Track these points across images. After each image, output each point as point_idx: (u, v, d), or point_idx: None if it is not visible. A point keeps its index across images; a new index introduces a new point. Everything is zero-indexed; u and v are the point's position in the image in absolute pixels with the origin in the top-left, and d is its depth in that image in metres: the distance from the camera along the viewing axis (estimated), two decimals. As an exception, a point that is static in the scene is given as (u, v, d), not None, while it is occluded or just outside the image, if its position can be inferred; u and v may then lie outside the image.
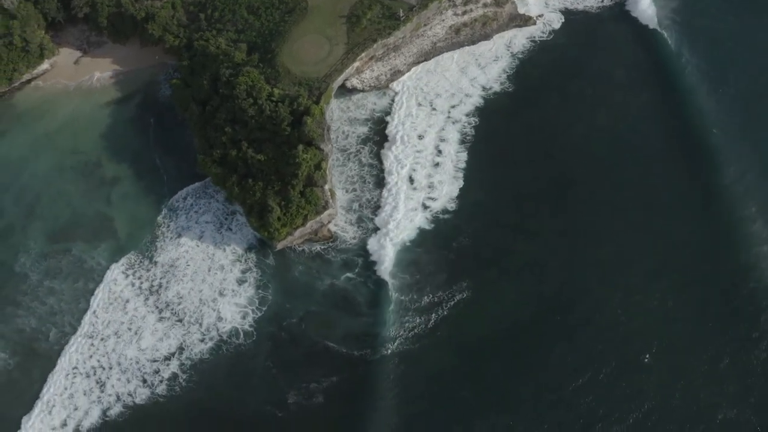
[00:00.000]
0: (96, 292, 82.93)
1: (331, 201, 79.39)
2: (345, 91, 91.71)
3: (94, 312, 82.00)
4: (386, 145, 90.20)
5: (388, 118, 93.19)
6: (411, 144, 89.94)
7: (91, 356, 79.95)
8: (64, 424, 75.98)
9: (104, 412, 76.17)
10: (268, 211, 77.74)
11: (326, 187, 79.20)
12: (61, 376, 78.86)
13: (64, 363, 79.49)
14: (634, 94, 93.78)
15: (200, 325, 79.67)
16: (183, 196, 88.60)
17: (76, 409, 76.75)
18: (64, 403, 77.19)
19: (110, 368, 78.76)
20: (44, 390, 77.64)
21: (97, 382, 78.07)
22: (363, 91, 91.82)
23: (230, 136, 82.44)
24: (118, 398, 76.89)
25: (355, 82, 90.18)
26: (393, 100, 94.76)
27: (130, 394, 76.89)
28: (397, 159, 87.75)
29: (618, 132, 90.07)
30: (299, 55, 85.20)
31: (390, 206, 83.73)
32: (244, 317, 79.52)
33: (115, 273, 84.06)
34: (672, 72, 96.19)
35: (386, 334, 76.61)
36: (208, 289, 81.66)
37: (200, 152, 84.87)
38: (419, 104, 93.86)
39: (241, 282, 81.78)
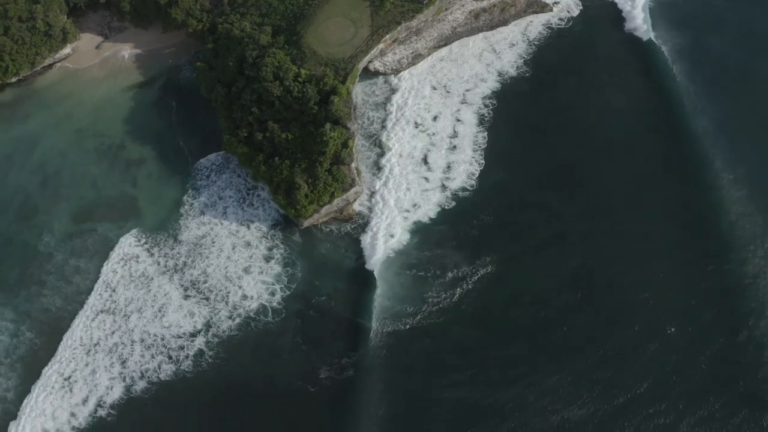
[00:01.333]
0: (116, 269, 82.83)
1: (357, 179, 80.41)
2: (368, 74, 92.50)
3: (114, 289, 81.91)
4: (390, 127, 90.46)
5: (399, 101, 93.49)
6: (425, 126, 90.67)
7: (113, 333, 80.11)
8: (85, 401, 75.97)
9: (127, 388, 76.37)
10: (295, 189, 78.55)
11: (353, 165, 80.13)
12: (82, 352, 78.91)
13: (85, 340, 79.64)
14: (651, 78, 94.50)
15: (226, 302, 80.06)
16: (206, 173, 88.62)
17: (96, 386, 76.44)
18: (86, 380, 77.32)
19: (132, 344, 78.98)
20: (65, 366, 77.53)
21: (119, 359, 78.22)
22: (385, 74, 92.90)
23: (257, 116, 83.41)
24: (143, 375, 77.19)
25: (377, 65, 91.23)
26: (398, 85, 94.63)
27: (154, 371, 77.13)
28: (399, 139, 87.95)
29: (635, 114, 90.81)
30: (324, 36, 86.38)
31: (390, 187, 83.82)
32: (272, 294, 79.90)
33: (137, 250, 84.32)
34: (690, 57, 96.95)
35: (408, 311, 77.03)
36: (233, 266, 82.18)
37: (226, 133, 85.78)
38: (433, 88, 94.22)
39: (267, 259, 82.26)
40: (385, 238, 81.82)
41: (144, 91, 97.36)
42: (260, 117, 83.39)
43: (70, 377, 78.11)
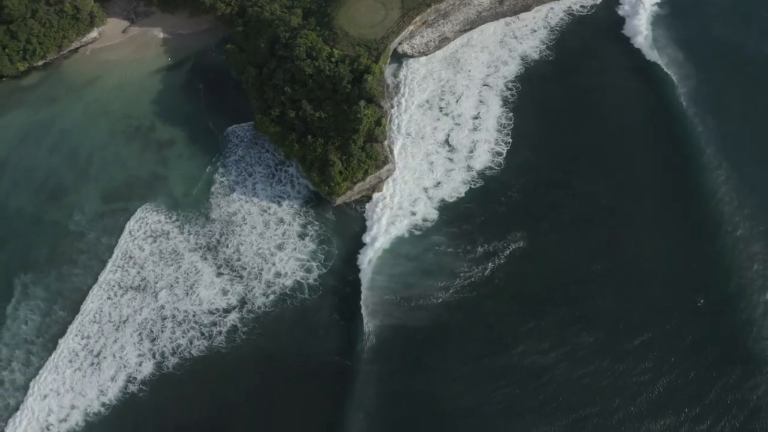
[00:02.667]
0: (144, 246, 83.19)
1: (390, 156, 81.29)
2: (396, 56, 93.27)
3: (142, 266, 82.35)
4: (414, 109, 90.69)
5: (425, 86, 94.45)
6: (449, 108, 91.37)
7: (142, 309, 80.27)
8: (114, 377, 76.00)
9: (158, 365, 76.45)
10: (329, 166, 79.27)
11: (385, 143, 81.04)
12: (111, 329, 78.95)
13: (114, 317, 79.78)
14: (675, 64, 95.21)
15: (260, 279, 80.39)
16: (235, 149, 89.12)
17: (126, 362, 76.39)
18: (115, 356, 77.39)
19: (163, 321, 79.05)
20: (93, 343, 77.76)
21: (149, 336, 78.23)
22: (412, 56, 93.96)
23: (289, 95, 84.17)
24: (174, 351, 77.22)
25: (405, 47, 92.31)
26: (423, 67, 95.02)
27: (186, 347, 77.18)
28: (418, 124, 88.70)
29: (656, 96, 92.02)
30: (356, 18, 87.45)
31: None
32: (308, 271, 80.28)
33: (168, 227, 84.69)
34: (707, 43, 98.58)
35: (439, 285, 77.49)
36: (267, 243, 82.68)
37: (258, 113, 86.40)
38: (457, 71, 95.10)
39: (302, 236, 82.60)
40: (408, 216, 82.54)
41: (171, 74, 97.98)
42: (293, 96, 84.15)
43: (99, 354, 78.09)
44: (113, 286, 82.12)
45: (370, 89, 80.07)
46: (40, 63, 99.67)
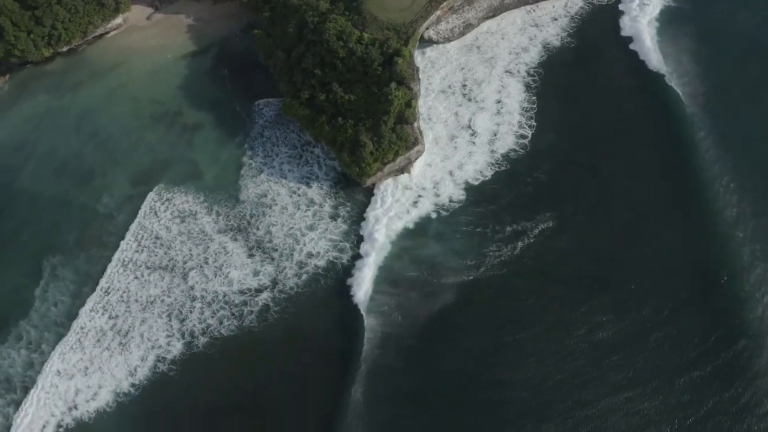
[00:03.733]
0: (171, 226, 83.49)
1: (420, 137, 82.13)
2: (421, 42, 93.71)
3: (170, 246, 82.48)
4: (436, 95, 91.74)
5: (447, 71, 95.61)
6: (472, 93, 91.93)
7: (170, 290, 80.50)
8: (144, 358, 76.21)
9: (188, 344, 76.48)
10: (360, 147, 79.95)
11: (415, 124, 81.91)
12: (136, 308, 79.42)
13: (141, 297, 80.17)
14: (702, 50, 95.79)
15: (292, 259, 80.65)
16: (261, 130, 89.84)
17: (155, 342, 76.66)
18: (143, 336, 77.64)
19: (193, 302, 79.18)
20: (121, 323, 78.07)
21: (178, 316, 78.45)
22: (437, 42, 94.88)
23: (319, 78, 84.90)
24: (204, 331, 77.32)
25: (431, 33, 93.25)
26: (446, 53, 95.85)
27: (216, 327, 77.33)
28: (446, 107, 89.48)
29: (681, 80, 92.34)
30: (384, 3, 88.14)
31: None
32: (341, 251, 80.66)
33: (196, 207, 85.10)
34: (727, 32, 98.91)
35: (469, 263, 78.19)
36: (298, 224, 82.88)
37: (286, 96, 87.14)
38: (480, 58, 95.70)
39: (334, 217, 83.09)
40: (431, 197, 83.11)
41: (197, 60, 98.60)
42: (323, 79, 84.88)
43: (127, 333, 78.24)
44: (140, 266, 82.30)
45: (401, 71, 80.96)
46: (65, 49, 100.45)
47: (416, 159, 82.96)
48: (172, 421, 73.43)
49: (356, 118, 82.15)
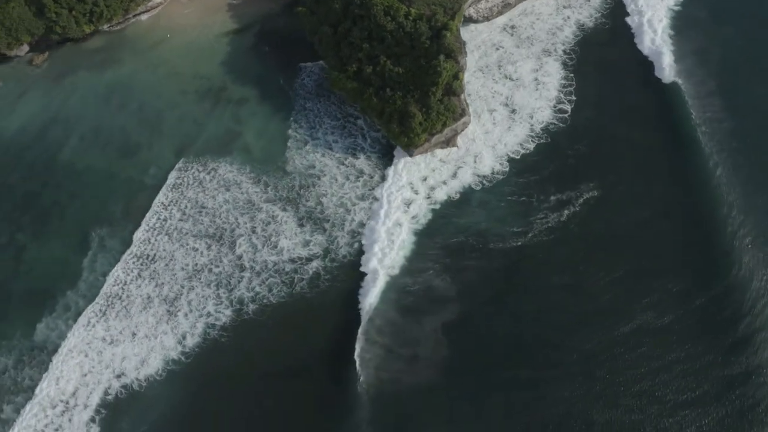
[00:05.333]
0: (216, 195, 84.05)
1: (466, 109, 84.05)
2: (463, 20, 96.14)
3: (216, 215, 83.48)
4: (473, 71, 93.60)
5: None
6: (508, 71, 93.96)
7: (221, 260, 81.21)
8: (193, 326, 76.54)
9: (237, 311, 76.99)
10: (409, 117, 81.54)
11: (462, 96, 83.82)
12: (183, 276, 79.95)
13: (189, 266, 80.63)
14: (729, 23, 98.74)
15: (344, 229, 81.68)
16: (304, 102, 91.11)
17: (203, 310, 76.97)
18: (191, 305, 78.10)
19: (242, 271, 79.85)
20: (167, 291, 78.54)
21: (227, 284, 79.05)
22: (476, 21, 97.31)
23: (367, 52, 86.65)
24: (254, 299, 78.04)
25: (471, 11, 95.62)
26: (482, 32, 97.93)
27: (265, 295, 77.95)
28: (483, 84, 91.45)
29: (708, 58, 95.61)
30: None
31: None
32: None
33: (241, 177, 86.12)
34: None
35: (515, 231, 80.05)
36: (349, 194, 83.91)
37: (333, 71, 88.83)
38: (516, 38, 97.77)
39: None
40: (472, 167, 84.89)
41: (239, 37, 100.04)
42: (370, 53, 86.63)
43: (174, 302, 78.50)
44: (184, 234, 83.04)
45: (449, 45, 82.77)
46: (106, 26, 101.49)
47: (462, 130, 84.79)
48: (224, 387, 73.50)
49: (404, 90, 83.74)
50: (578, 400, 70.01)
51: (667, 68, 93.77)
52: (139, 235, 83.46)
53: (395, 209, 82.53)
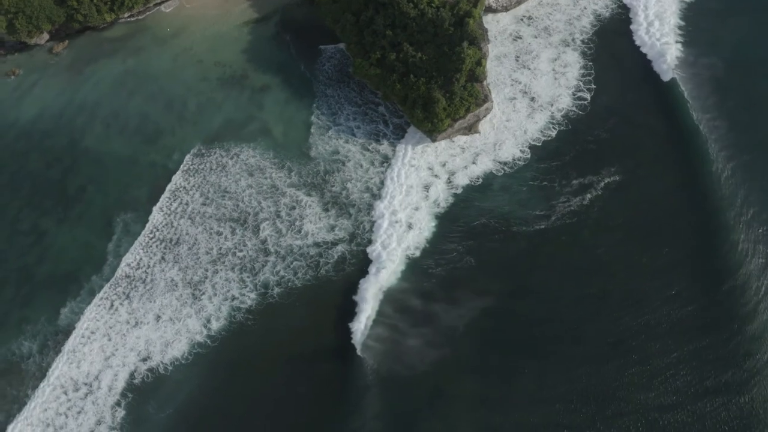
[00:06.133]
0: (239, 179, 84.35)
1: (489, 95, 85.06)
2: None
3: (239, 200, 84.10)
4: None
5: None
6: (526, 60, 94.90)
7: (245, 244, 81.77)
8: (218, 310, 77.00)
9: (262, 295, 77.50)
10: (433, 103, 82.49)
11: (485, 83, 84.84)
12: (207, 261, 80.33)
13: (213, 250, 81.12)
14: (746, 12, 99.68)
15: (370, 214, 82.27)
16: (325, 89, 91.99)
17: (228, 294, 77.45)
18: (215, 288, 78.52)
19: (266, 255, 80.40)
20: (191, 275, 78.89)
21: (251, 268, 79.61)
22: (495, 11, 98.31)
23: (390, 39, 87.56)
24: (279, 282, 78.47)
25: (491, 1, 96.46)
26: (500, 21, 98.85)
27: (290, 278, 78.52)
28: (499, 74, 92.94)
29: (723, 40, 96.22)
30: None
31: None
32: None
33: (265, 162, 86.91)
34: None
35: (538, 214, 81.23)
36: (374, 179, 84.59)
37: (356, 57, 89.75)
38: (534, 28, 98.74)
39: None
40: (492, 154, 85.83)
41: (259, 27, 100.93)
42: (393, 40, 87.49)
43: (198, 285, 79.04)
44: (208, 218, 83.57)
45: (472, 31, 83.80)
46: (127, 15, 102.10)
47: (484, 116, 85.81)
48: (250, 370, 74.05)
49: (428, 77, 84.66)
50: (600, 379, 70.60)
51: (670, 58, 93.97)
52: (159, 217, 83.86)
53: (405, 192, 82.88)
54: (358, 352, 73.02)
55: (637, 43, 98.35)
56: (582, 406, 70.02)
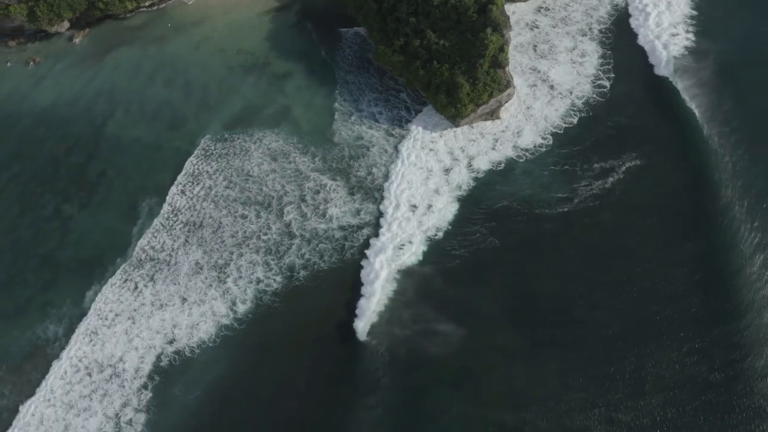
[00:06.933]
0: (262, 163, 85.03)
1: (511, 81, 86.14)
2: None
3: (263, 184, 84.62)
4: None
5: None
6: (545, 50, 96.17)
7: (269, 228, 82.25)
8: (244, 292, 77.27)
9: (288, 278, 77.65)
10: (458, 88, 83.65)
11: (507, 68, 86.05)
12: (232, 243, 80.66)
13: (238, 234, 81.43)
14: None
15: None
16: (346, 76, 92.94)
17: (253, 278, 77.90)
18: (241, 272, 78.76)
19: (291, 239, 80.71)
20: (216, 258, 79.04)
21: (276, 252, 79.85)
22: (514, 1, 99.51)
23: (413, 26, 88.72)
24: (305, 266, 78.75)
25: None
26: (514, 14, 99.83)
27: (316, 261, 78.84)
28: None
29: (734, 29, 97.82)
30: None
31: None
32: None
33: (289, 147, 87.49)
34: None
35: (559, 196, 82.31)
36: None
37: (379, 44, 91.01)
38: (550, 18, 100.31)
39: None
40: (512, 140, 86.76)
41: (280, 15, 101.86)
42: (417, 27, 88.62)
43: (223, 268, 79.05)
44: (232, 201, 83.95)
45: (495, 18, 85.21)
46: (147, 4, 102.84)
47: (506, 102, 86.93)
48: (278, 352, 73.96)
49: (451, 62, 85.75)
50: (622, 360, 71.31)
51: (677, 48, 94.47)
52: (182, 201, 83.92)
53: (426, 175, 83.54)
54: (362, 338, 73.12)
55: (647, 33, 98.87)
56: (612, 386, 70.38)
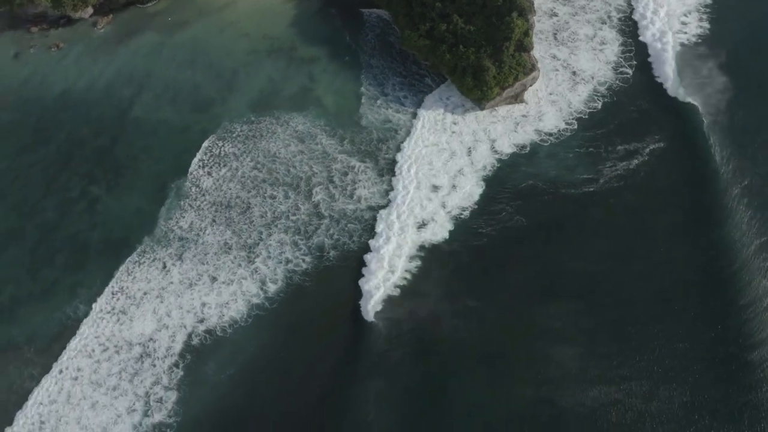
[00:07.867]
0: (289, 144, 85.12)
1: (536, 64, 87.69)
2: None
3: (290, 165, 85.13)
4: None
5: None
6: (564, 38, 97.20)
7: (297, 208, 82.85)
8: (274, 272, 77.58)
9: (318, 258, 78.10)
10: (483, 71, 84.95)
11: (532, 52, 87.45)
12: (260, 223, 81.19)
13: (268, 214, 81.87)
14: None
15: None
16: (369, 60, 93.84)
17: (282, 257, 78.28)
18: (270, 253, 79.05)
19: (320, 219, 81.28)
20: (245, 239, 79.44)
21: (304, 233, 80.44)
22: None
23: (439, 11, 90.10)
24: (334, 246, 79.49)
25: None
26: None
27: (345, 242, 79.65)
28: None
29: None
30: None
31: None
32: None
33: (316, 130, 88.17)
34: None
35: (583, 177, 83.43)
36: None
37: (405, 29, 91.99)
38: (569, 8, 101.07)
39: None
40: (535, 124, 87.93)
41: (304, 1, 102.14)
42: (443, 12, 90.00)
43: (252, 248, 79.47)
44: (260, 182, 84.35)
45: (520, 3, 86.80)
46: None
47: (531, 85, 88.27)
48: (310, 331, 74.35)
49: (477, 46, 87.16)
50: (646, 342, 72.21)
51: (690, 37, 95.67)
52: (209, 182, 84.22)
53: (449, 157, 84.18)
54: (370, 318, 73.69)
55: (656, 21, 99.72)
56: (638, 361, 71.31)
